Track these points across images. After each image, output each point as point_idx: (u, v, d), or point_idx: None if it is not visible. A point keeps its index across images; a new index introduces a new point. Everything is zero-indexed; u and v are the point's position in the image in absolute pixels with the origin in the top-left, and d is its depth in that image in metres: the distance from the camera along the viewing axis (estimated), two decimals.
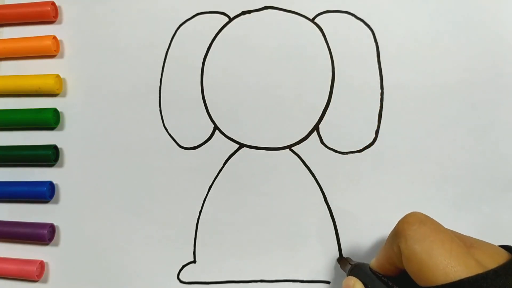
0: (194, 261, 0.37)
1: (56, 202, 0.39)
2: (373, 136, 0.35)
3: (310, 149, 0.35)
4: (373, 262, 0.28)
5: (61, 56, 0.40)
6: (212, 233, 0.36)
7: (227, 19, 0.37)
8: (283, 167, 0.36)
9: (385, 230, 0.33)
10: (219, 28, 0.37)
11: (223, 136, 0.37)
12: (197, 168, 0.37)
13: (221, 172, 0.37)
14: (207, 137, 0.37)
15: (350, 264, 0.31)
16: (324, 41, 0.36)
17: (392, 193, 0.34)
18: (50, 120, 0.39)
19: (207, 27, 0.38)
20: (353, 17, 0.35)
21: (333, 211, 0.35)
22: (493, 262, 0.22)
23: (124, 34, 0.39)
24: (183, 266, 0.37)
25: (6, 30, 0.42)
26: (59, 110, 0.40)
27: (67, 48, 0.40)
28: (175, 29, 0.38)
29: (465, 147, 0.33)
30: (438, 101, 0.34)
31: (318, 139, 0.35)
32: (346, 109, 0.35)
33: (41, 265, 0.38)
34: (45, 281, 0.39)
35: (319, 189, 0.35)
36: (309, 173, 0.35)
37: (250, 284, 0.36)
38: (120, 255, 0.38)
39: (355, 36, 0.35)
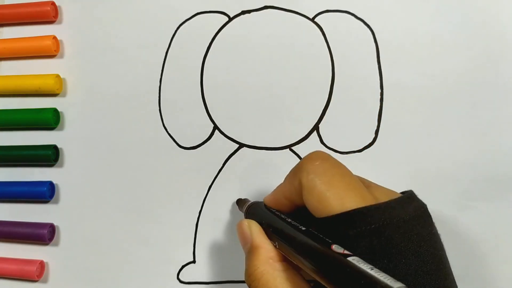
0: (194, 261, 0.37)
1: (56, 202, 0.39)
2: (373, 136, 0.35)
3: (310, 149, 0.35)
4: (268, 198, 0.28)
5: (61, 56, 0.40)
6: (212, 233, 0.36)
7: (227, 19, 0.37)
8: (283, 167, 0.36)
9: None
10: (219, 28, 0.37)
11: (223, 136, 0.37)
12: (197, 168, 0.37)
13: (221, 172, 0.37)
14: (207, 137, 0.37)
15: (246, 203, 0.31)
16: (324, 41, 0.36)
17: None
18: (50, 120, 0.39)
19: (207, 27, 0.38)
20: (353, 17, 0.35)
21: None
22: (387, 198, 0.23)
23: (124, 34, 0.39)
24: (183, 266, 0.37)
25: (6, 30, 0.42)
26: (59, 110, 0.40)
27: (67, 48, 0.40)
28: (175, 29, 0.38)
29: (465, 147, 0.33)
30: (438, 101, 0.34)
31: (318, 139, 0.35)
32: (346, 109, 0.35)
33: (41, 265, 0.38)
34: (45, 281, 0.39)
35: None
36: None
37: None
38: (120, 255, 0.38)
39: (355, 36, 0.35)
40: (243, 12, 0.37)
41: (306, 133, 0.36)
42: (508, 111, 0.33)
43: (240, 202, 0.34)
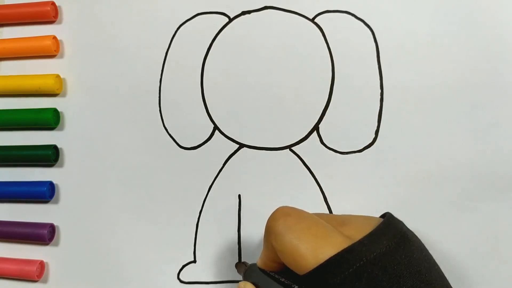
0: (194, 261, 0.37)
1: (56, 202, 0.39)
2: (373, 136, 0.35)
3: (310, 149, 0.35)
4: (258, 262, 0.28)
5: (61, 56, 0.40)
6: (212, 233, 0.36)
7: (227, 19, 0.37)
8: (283, 167, 0.36)
9: None
10: (219, 28, 0.37)
11: (223, 136, 0.37)
12: (197, 168, 0.37)
13: (221, 172, 0.37)
14: (207, 137, 0.37)
15: (244, 267, 0.32)
16: (324, 41, 0.36)
17: (392, 193, 0.34)
18: (50, 120, 0.39)
19: (207, 27, 0.38)
20: (353, 17, 0.35)
21: (333, 211, 0.35)
22: (362, 234, 0.23)
23: (124, 34, 0.39)
24: (183, 266, 0.37)
25: (6, 30, 0.42)
26: (59, 110, 0.40)
27: (67, 48, 0.40)
28: (175, 29, 0.38)
29: (465, 147, 0.33)
30: (438, 101, 0.34)
31: (318, 139, 0.35)
32: (346, 109, 0.35)
33: (41, 265, 0.38)
34: (45, 281, 0.39)
35: (319, 189, 0.35)
36: (309, 173, 0.35)
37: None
38: (120, 255, 0.38)
39: (355, 36, 0.35)
40: (243, 13, 0.37)
41: (306, 133, 0.36)
42: (508, 111, 0.33)
43: (238, 266, 0.35)
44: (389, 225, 0.24)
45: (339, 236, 0.23)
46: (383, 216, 0.26)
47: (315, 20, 0.36)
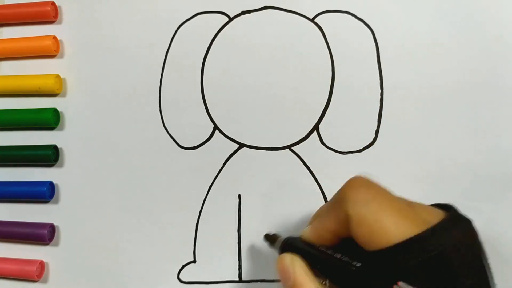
0: (194, 261, 0.37)
1: (56, 202, 0.39)
2: (373, 136, 0.35)
3: (310, 149, 0.35)
4: (307, 233, 0.26)
5: (61, 56, 0.40)
6: (212, 233, 0.36)
7: (227, 19, 0.37)
8: (283, 167, 0.36)
9: None
10: (219, 28, 0.37)
11: (223, 136, 0.37)
12: (197, 168, 0.37)
13: (221, 172, 0.37)
14: (207, 137, 0.37)
15: (279, 239, 0.29)
16: (324, 41, 0.36)
17: None
18: (50, 120, 0.39)
19: (207, 27, 0.38)
20: (353, 17, 0.35)
21: None
22: (434, 218, 0.22)
23: (124, 34, 0.39)
24: (183, 266, 0.37)
25: (6, 30, 0.42)
26: (59, 110, 0.40)
27: (67, 48, 0.40)
28: (175, 29, 0.38)
29: (465, 147, 0.33)
30: (438, 101, 0.34)
31: (318, 139, 0.35)
32: (346, 109, 0.35)
33: (41, 265, 0.38)
34: (45, 281, 0.39)
35: (319, 189, 0.35)
36: (309, 173, 0.35)
37: (250, 284, 0.36)
38: (120, 255, 0.38)
39: (355, 36, 0.35)
40: (243, 12, 0.37)
41: (306, 133, 0.36)
42: (508, 111, 0.33)
43: (269, 238, 0.31)
44: (460, 214, 0.23)
45: (419, 217, 0.21)
46: (435, 205, 0.24)
47: (315, 20, 0.36)
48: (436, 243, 0.20)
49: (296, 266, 0.24)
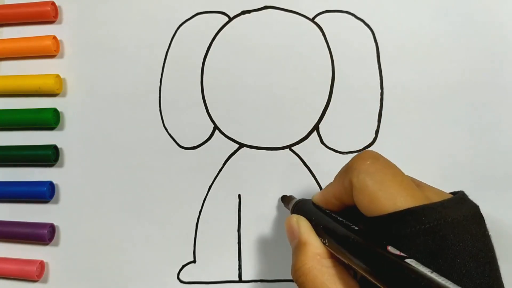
0: (194, 261, 0.37)
1: (56, 202, 0.39)
2: (373, 136, 0.35)
3: (310, 149, 0.35)
4: (316, 197, 0.28)
5: (61, 56, 0.40)
6: (212, 233, 0.36)
7: (227, 19, 0.37)
8: (283, 167, 0.36)
9: None
10: (219, 28, 0.37)
11: (223, 136, 0.37)
12: (197, 168, 0.37)
13: (221, 172, 0.37)
14: (207, 137, 0.37)
15: (292, 200, 0.31)
16: (324, 41, 0.36)
17: None
18: (50, 120, 0.39)
19: (207, 27, 0.38)
20: (353, 17, 0.35)
21: None
22: (439, 198, 0.23)
23: (124, 34, 0.39)
24: (183, 266, 0.37)
25: (6, 30, 0.42)
26: (59, 110, 0.40)
27: (67, 48, 0.40)
28: (175, 29, 0.38)
29: (465, 147, 0.33)
30: (438, 101, 0.34)
31: (318, 139, 0.35)
32: (346, 109, 0.35)
33: (41, 265, 0.38)
34: (45, 281, 0.39)
35: (319, 189, 0.35)
36: (309, 173, 0.35)
37: (250, 284, 0.36)
38: (120, 255, 0.38)
39: (355, 36, 0.35)
40: (243, 12, 0.37)
41: (306, 133, 0.36)
42: (508, 111, 0.33)
43: (285, 199, 0.33)
44: (466, 198, 0.24)
45: (421, 192, 0.23)
46: (453, 193, 0.25)
47: (315, 20, 0.36)
48: (431, 217, 0.21)
49: (301, 225, 0.26)
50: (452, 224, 0.21)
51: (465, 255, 0.21)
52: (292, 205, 0.30)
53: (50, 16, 0.40)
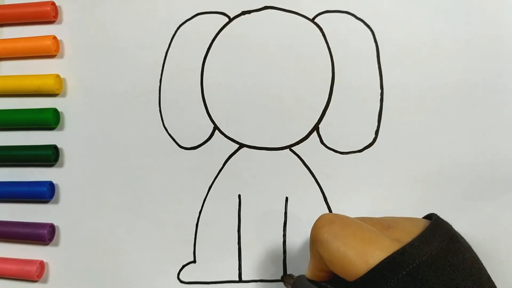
0: (194, 261, 0.37)
1: (56, 202, 0.39)
2: (373, 136, 0.35)
3: (310, 149, 0.35)
4: (307, 273, 0.28)
5: (61, 56, 0.40)
6: (212, 233, 0.36)
7: (227, 19, 0.37)
8: (283, 167, 0.36)
9: None
10: (219, 28, 0.37)
11: (223, 136, 0.37)
12: (197, 168, 0.37)
13: (221, 172, 0.37)
14: (207, 137, 0.37)
15: (292, 278, 0.31)
16: (324, 41, 0.36)
17: (392, 193, 0.34)
18: (50, 120, 0.39)
19: (207, 27, 0.38)
20: (353, 17, 0.35)
21: (333, 211, 0.35)
22: (410, 236, 0.22)
23: (124, 34, 0.39)
24: (183, 266, 0.37)
25: (6, 30, 0.42)
26: (59, 110, 0.40)
27: (67, 48, 0.40)
28: (175, 29, 0.38)
29: (465, 147, 0.33)
30: (438, 101, 0.34)
31: (318, 139, 0.35)
32: (346, 109, 0.35)
33: (41, 265, 0.38)
34: (45, 281, 0.39)
35: (319, 189, 0.35)
36: (309, 173, 0.35)
37: (250, 284, 0.36)
38: (120, 255, 0.38)
39: (355, 36, 0.35)
40: (243, 13, 0.37)
41: (306, 133, 0.36)
42: (508, 111, 0.33)
43: (285, 279, 0.34)
44: (437, 226, 0.23)
45: (387, 239, 0.22)
46: (426, 217, 0.25)
47: (315, 20, 0.36)
48: (405, 263, 0.21)
49: None
50: (427, 262, 0.21)
51: (450, 286, 0.20)
52: (292, 283, 0.31)
53: (50, 16, 0.40)
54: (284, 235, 0.35)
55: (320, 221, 0.24)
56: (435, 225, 0.23)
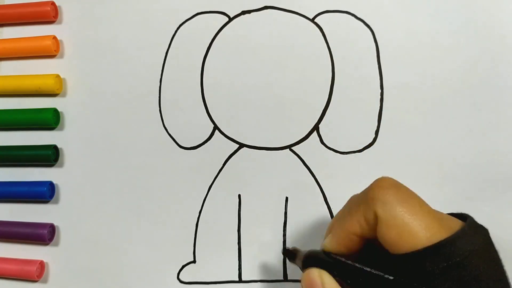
0: (194, 261, 0.37)
1: (56, 202, 0.39)
2: (373, 136, 0.35)
3: (310, 149, 0.35)
4: (328, 244, 0.25)
5: (61, 56, 0.40)
6: (212, 233, 0.36)
7: (227, 19, 0.37)
8: (283, 167, 0.36)
9: None
10: (219, 28, 0.37)
11: (223, 136, 0.37)
12: (197, 168, 0.37)
13: (221, 172, 0.37)
14: (207, 137, 0.37)
15: (300, 253, 0.27)
16: (324, 41, 0.36)
17: None
18: (50, 120, 0.39)
19: (207, 27, 0.38)
20: (353, 17, 0.35)
21: (333, 211, 0.35)
22: (456, 225, 0.22)
23: (124, 34, 0.39)
24: (183, 266, 0.37)
25: (6, 30, 0.42)
26: (59, 110, 0.40)
27: (67, 48, 0.40)
28: (175, 29, 0.38)
29: (465, 147, 0.33)
30: (438, 101, 0.34)
31: (318, 139, 0.35)
32: (346, 109, 0.35)
33: (41, 265, 0.38)
34: (45, 281, 0.39)
35: (319, 189, 0.35)
36: (309, 173, 0.35)
37: (250, 284, 0.36)
38: (120, 255, 0.38)
39: (355, 36, 0.35)
40: (243, 12, 0.37)
41: (306, 133, 0.36)
42: (508, 111, 0.33)
43: (290, 253, 0.29)
44: (475, 222, 0.23)
45: (451, 221, 0.21)
46: (453, 215, 0.24)
47: (315, 20, 0.36)
48: (462, 248, 0.20)
49: (325, 281, 0.23)
50: (479, 253, 0.20)
51: (494, 282, 0.20)
52: (303, 258, 0.26)
53: (50, 16, 0.40)
54: (284, 235, 0.35)
55: (384, 182, 0.23)
56: (474, 221, 0.23)
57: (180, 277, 0.37)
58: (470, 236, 0.21)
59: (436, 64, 0.34)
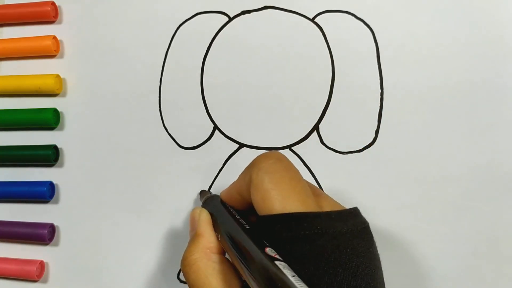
0: None
1: (56, 202, 0.39)
2: (373, 136, 0.35)
3: (310, 149, 0.35)
4: (223, 193, 0.28)
5: (61, 56, 0.40)
6: None
7: (227, 19, 0.37)
8: None
9: (385, 230, 0.33)
10: (219, 28, 0.37)
11: (223, 136, 0.37)
12: (197, 168, 0.37)
13: (221, 172, 0.37)
14: (207, 137, 0.37)
15: (204, 195, 0.32)
16: (324, 41, 0.36)
17: (392, 193, 0.34)
18: (50, 120, 0.39)
19: (207, 27, 0.38)
20: (353, 17, 0.35)
21: None
22: (331, 209, 0.23)
23: (124, 34, 0.39)
24: None
25: (6, 30, 0.42)
26: (59, 110, 0.40)
27: (67, 48, 0.40)
28: (175, 29, 0.38)
29: (465, 147, 0.33)
30: (438, 101, 0.34)
31: (318, 139, 0.35)
32: (346, 109, 0.35)
33: (41, 265, 0.38)
34: (45, 281, 0.39)
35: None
36: (309, 173, 0.35)
37: None
38: (120, 255, 0.38)
39: (355, 36, 0.35)
40: (243, 12, 0.37)
41: (306, 133, 0.36)
42: (508, 111, 0.33)
43: (202, 193, 0.35)
44: (357, 213, 0.24)
45: (313, 201, 0.23)
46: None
47: (315, 20, 0.36)
48: (313, 225, 0.21)
49: (201, 218, 0.27)
50: (333, 235, 0.21)
51: (339, 266, 0.21)
52: (203, 199, 0.31)
53: (50, 16, 0.40)
54: None
55: (271, 153, 0.25)
56: (356, 212, 0.24)
57: (180, 277, 0.37)
58: (332, 219, 0.22)
59: (436, 64, 0.34)
